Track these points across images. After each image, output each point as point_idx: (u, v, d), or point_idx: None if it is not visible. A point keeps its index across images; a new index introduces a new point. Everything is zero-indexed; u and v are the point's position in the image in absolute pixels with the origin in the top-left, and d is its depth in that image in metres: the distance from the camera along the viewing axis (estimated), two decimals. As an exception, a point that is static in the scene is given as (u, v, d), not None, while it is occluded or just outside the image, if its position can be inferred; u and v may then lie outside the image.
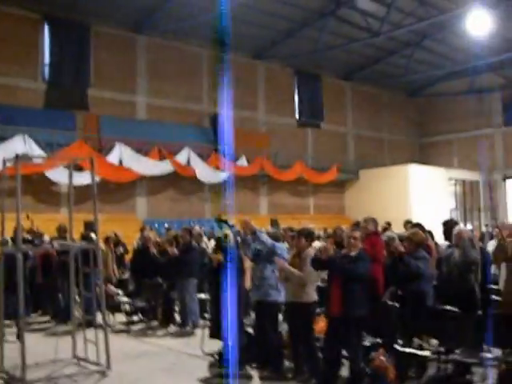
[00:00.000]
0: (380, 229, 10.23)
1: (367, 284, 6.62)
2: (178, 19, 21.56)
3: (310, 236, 7.38)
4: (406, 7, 23.19)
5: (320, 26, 23.81)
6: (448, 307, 6.83)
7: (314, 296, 7.16)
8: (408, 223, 13.06)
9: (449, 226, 9.34)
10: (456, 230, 7.82)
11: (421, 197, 26.52)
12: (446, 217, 26.42)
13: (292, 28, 24.42)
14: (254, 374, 7.56)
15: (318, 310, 7.46)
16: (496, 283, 8.77)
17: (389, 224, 13.61)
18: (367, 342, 6.87)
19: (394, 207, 25.30)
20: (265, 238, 7.73)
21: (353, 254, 6.54)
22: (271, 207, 26.27)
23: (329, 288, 6.70)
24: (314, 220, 24.97)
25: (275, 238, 8.11)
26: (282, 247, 7.94)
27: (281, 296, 7.61)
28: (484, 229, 18.69)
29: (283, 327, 7.85)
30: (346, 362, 6.72)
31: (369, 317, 6.47)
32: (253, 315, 8.38)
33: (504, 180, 30.87)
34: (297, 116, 28.29)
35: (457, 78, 30.28)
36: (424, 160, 31.21)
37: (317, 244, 8.73)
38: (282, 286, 7.59)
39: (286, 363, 7.60)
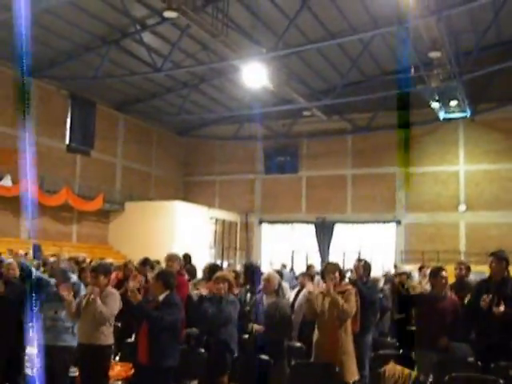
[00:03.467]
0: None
1: (177, 331, 6.13)
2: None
3: (107, 272, 6.64)
4: (190, 49, 23.52)
5: (102, 53, 23.04)
6: (262, 356, 6.57)
7: (110, 338, 6.40)
8: (187, 257, 12.75)
9: (250, 269, 9.40)
10: (265, 275, 7.51)
11: (184, 233, 26.97)
12: (205, 254, 27.51)
13: (73, 50, 23.32)
14: None
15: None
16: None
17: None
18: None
19: (158, 242, 25.38)
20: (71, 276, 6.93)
21: (160, 298, 5.99)
22: (33, 232, 24.84)
23: (136, 333, 6.18)
24: (77, 248, 24.15)
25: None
26: (79, 283, 7.16)
27: (75, 340, 6.67)
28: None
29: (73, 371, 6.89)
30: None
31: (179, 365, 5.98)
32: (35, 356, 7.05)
33: (260, 223, 32.80)
34: (67, 141, 26.91)
35: (226, 124, 31.49)
36: (187, 198, 31.65)
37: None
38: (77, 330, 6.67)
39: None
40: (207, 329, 7.00)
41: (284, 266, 22.34)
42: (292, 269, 28.07)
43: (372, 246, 29.42)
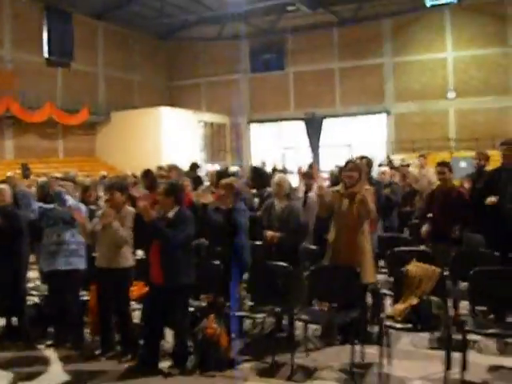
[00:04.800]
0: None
1: (191, 247, 5.83)
2: None
3: (124, 189, 6.16)
4: None
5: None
6: (278, 262, 6.18)
7: (131, 260, 6.11)
8: (194, 167, 12.16)
9: (257, 173, 8.90)
10: (276, 178, 7.04)
11: (172, 139, 26.54)
12: (196, 158, 27.14)
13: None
14: (51, 352, 6.24)
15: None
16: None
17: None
18: (193, 308, 6.02)
19: (147, 149, 25.16)
20: (67, 198, 6.42)
21: (170, 214, 5.59)
22: (18, 151, 24.10)
23: (147, 251, 5.84)
24: (65, 163, 23.81)
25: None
26: (76, 203, 6.59)
27: (83, 263, 6.39)
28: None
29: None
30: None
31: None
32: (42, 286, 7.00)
33: (249, 123, 32.28)
34: (46, 54, 25.71)
35: (209, 24, 30.35)
36: (174, 103, 30.90)
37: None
38: (84, 252, 6.43)
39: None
40: (217, 239, 6.67)
41: (263, 164, 21.94)
42: (284, 167, 27.94)
43: (362, 138, 29.24)
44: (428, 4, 26.49)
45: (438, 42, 28.59)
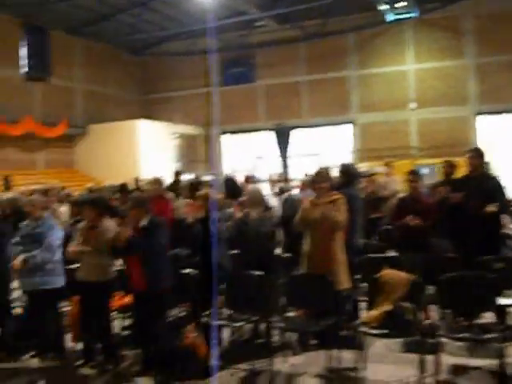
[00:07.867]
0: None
1: (167, 253, 5.77)
2: None
3: (97, 204, 5.97)
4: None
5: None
6: (251, 272, 6.10)
7: (111, 272, 5.91)
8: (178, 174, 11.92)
9: (230, 182, 8.82)
10: (249, 189, 7.01)
11: (148, 151, 26.35)
12: (172, 169, 26.98)
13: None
14: (35, 363, 6.08)
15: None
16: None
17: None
18: (174, 316, 5.95)
19: (123, 160, 24.91)
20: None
21: (143, 223, 5.53)
22: (-2, 164, 23.77)
23: (126, 263, 5.73)
24: (44, 175, 23.40)
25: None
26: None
27: (61, 281, 6.10)
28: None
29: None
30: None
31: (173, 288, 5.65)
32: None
33: (221, 134, 32.03)
34: (24, 70, 25.25)
35: (181, 40, 30.13)
36: (148, 116, 30.59)
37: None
38: (62, 269, 6.12)
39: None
40: (197, 249, 6.50)
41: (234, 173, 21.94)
42: (254, 175, 27.86)
43: (329, 147, 29.32)
44: (389, 19, 26.68)
45: (400, 55, 28.79)
